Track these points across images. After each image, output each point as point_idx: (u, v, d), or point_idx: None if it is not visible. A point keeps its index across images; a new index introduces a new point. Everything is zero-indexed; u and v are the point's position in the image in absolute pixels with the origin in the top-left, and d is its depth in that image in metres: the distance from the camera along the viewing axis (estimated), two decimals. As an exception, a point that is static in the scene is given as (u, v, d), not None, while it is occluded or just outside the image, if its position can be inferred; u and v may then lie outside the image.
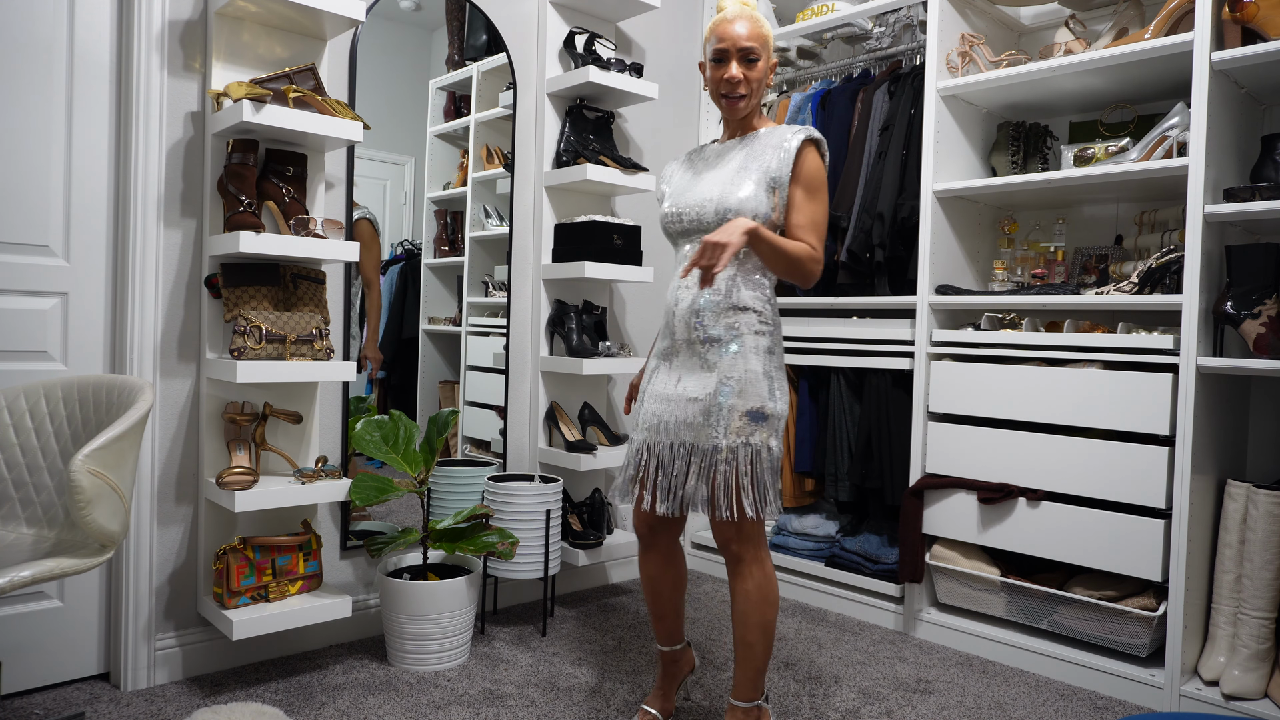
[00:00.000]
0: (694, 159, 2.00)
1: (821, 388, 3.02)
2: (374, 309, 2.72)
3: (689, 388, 1.82)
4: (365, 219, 2.67)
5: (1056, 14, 2.87)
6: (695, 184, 1.90)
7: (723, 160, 1.90)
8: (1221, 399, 2.30)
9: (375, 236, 2.71)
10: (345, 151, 2.45)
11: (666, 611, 2.02)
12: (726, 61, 1.82)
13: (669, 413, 1.84)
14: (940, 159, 2.68)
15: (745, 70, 1.82)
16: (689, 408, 1.81)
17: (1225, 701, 2.14)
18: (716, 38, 1.83)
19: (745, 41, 1.80)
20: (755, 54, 1.81)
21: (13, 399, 1.82)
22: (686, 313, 1.84)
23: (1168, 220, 2.58)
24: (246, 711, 1.91)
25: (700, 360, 1.82)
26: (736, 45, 1.80)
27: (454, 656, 2.35)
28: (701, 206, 1.84)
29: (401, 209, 2.84)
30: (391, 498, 2.27)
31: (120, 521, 1.57)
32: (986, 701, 2.24)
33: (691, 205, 1.86)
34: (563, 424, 2.88)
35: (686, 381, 1.83)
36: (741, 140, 1.91)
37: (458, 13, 2.88)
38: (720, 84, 1.84)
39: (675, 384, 1.85)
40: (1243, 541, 2.17)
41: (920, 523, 2.66)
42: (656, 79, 3.25)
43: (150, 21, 2.12)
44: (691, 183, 1.92)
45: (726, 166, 1.88)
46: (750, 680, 1.83)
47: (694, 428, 1.80)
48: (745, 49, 1.81)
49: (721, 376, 1.78)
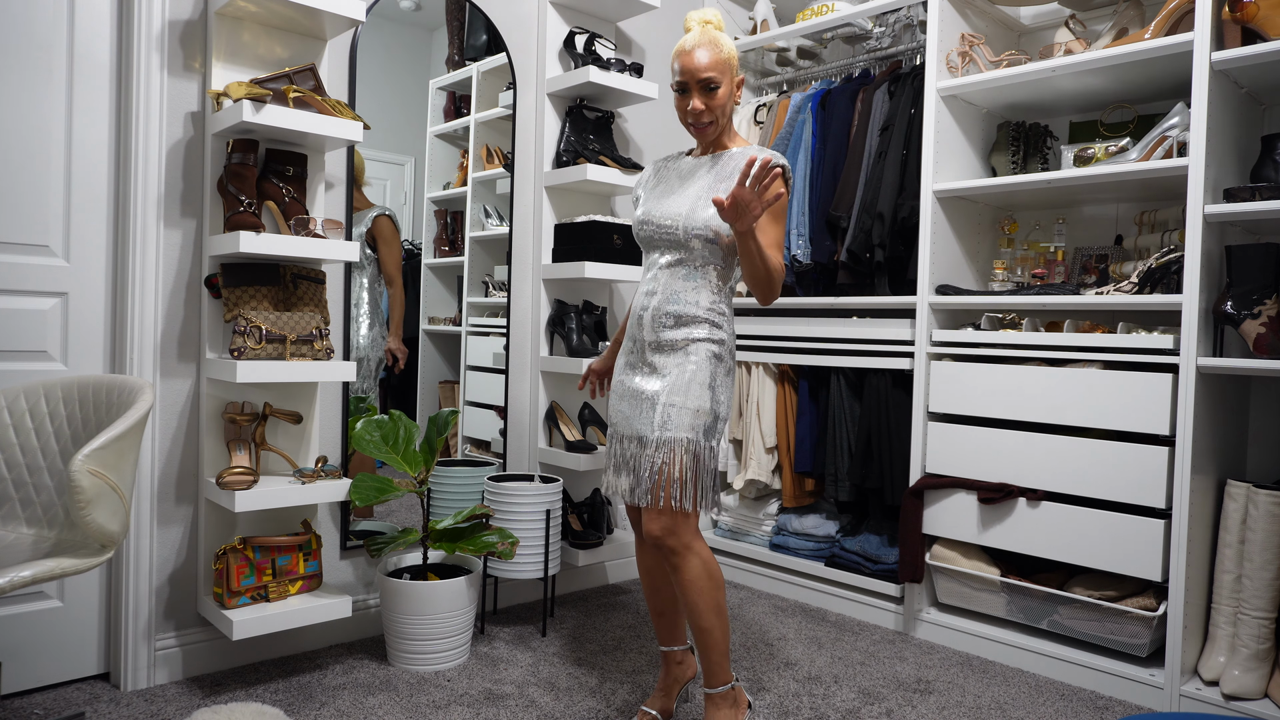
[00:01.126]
0: (664, 171, 2.05)
1: (821, 388, 3.02)
2: (397, 304, 2.76)
3: (646, 385, 1.93)
4: (385, 215, 2.70)
5: (1056, 14, 2.87)
6: (665, 198, 1.97)
7: (693, 177, 1.97)
8: (1221, 399, 2.30)
9: (396, 233, 2.75)
10: (345, 151, 2.45)
11: (665, 607, 2.04)
12: (688, 93, 1.88)
13: (631, 408, 1.95)
14: (940, 159, 2.68)
15: (706, 100, 1.88)
16: (644, 403, 1.91)
17: (1225, 701, 2.14)
18: (679, 69, 1.88)
19: (704, 73, 1.85)
20: (715, 82, 1.86)
21: (13, 399, 1.82)
22: (651, 318, 1.93)
23: (1168, 220, 2.58)
24: (246, 711, 1.91)
25: (659, 361, 1.92)
26: (696, 77, 1.85)
27: (454, 656, 2.35)
28: (672, 220, 1.92)
29: (401, 209, 2.84)
30: (391, 498, 2.27)
31: (120, 521, 1.57)
32: (986, 701, 2.24)
33: (662, 217, 1.94)
34: (563, 424, 2.88)
35: (645, 380, 1.94)
36: (713, 159, 1.97)
37: (458, 13, 2.89)
38: (685, 114, 1.91)
39: (636, 381, 1.95)
40: (1243, 541, 2.17)
41: (920, 523, 2.66)
42: (656, 79, 3.25)
43: (150, 21, 2.12)
44: (662, 196, 1.99)
45: (696, 184, 1.94)
46: (718, 665, 1.87)
47: (647, 422, 1.89)
48: (704, 80, 1.85)
49: (674, 377, 1.89)
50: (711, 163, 1.96)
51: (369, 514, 2.68)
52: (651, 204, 1.98)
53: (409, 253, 2.87)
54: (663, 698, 2.04)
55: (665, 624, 2.05)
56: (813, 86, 3.18)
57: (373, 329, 2.69)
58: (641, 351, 1.94)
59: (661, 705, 2.03)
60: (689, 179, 1.97)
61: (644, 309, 1.94)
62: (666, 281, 1.92)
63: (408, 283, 2.87)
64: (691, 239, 1.88)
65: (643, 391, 1.92)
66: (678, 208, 1.92)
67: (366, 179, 2.67)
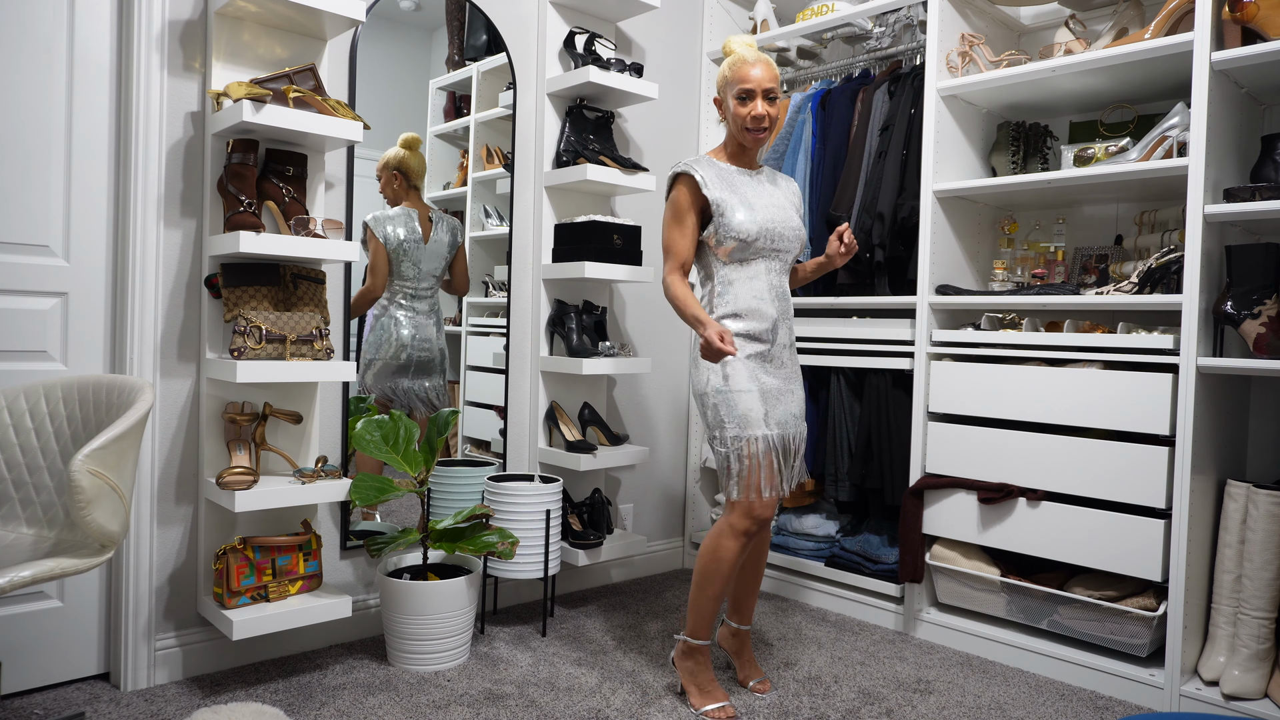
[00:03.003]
0: (729, 177, 2.15)
1: (821, 388, 3.02)
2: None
3: (789, 385, 2.20)
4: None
5: (1056, 14, 2.87)
6: (768, 210, 2.13)
7: (769, 192, 2.19)
8: (1221, 399, 2.30)
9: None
10: (345, 151, 2.45)
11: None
12: (753, 99, 2.07)
13: (777, 405, 2.16)
14: (940, 159, 2.68)
15: (768, 107, 2.07)
16: (789, 400, 2.19)
17: (1225, 701, 2.14)
18: (740, 79, 2.07)
19: (768, 83, 2.07)
20: (774, 93, 2.08)
21: (13, 399, 1.82)
22: (783, 322, 2.18)
23: (1168, 220, 2.58)
24: (246, 711, 1.91)
25: (789, 360, 2.22)
26: (762, 86, 2.06)
27: (454, 656, 2.35)
28: (794, 229, 2.16)
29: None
30: (391, 498, 2.27)
31: (120, 521, 1.57)
32: (986, 701, 2.24)
33: (783, 227, 2.14)
34: (563, 424, 2.88)
35: (785, 380, 2.19)
36: (770, 177, 2.23)
37: (458, 13, 2.88)
38: (748, 120, 2.08)
39: (778, 380, 2.17)
40: (1243, 541, 2.17)
41: (920, 523, 2.66)
42: (656, 79, 3.25)
43: (150, 21, 2.12)
44: (763, 207, 2.13)
45: (776, 197, 2.18)
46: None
47: (795, 420, 2.20)
48: (769, 89, 2.07)
49: (798, 376, 2.24)
50: (771, 182, 2.22)
51: (373, 512, 2.68)
52: (754, 213, 2.10)
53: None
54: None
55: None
56: (813, 86, 3.18)
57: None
58: (776, 352, 2.12)
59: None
60: (770, 191, 2.19)
61: (778, 313, 2.12)
62: (784, 288, 2.16)
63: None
64: (798, 242, 2.17)
65: (787, 390, 2.13)
66: (783, 218, 2.15)
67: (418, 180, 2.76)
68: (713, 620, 2.12)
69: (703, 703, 2.09)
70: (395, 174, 2.71)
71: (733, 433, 2.04)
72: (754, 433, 2.04)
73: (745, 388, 2.05)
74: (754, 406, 2.05)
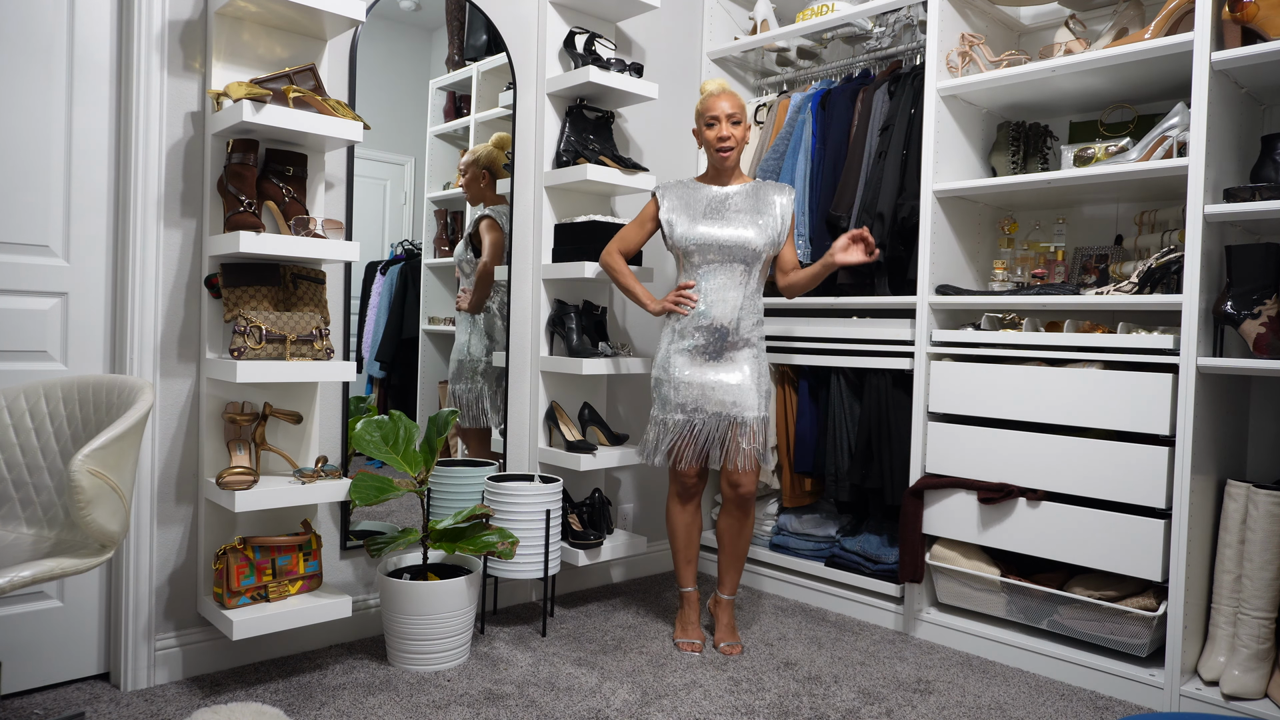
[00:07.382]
0: (691, 196, 2.55)
1: (821, 388, 3.02)
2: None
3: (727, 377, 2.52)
4: (489, 217, 2.86)
5: (1056, 14, 2.87)
6: (715, 223, 2.49)
7: (735, 205, 2.52)
8: (1221, 399, 2.30)
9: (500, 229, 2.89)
10: (345, 151, 2.45)
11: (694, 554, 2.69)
12: (718, 124, 2.47)
13: (720, 393, 2.50)
14: (940, 159, 2.68)
15: (733, 129, 2.47)
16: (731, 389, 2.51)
17: (1225, 701, 2.14)
18: (707, 109, 2.48)
19: (731, 109, 2.47)
20: (737, 118, 2.48)
21: (13, 399, 1.82)
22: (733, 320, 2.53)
23: (1168, 220, 2.58)
24: (246, 711, 1.91)
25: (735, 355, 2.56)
26: (725, 112, 2.46)
27: (454, 656, 2.35)
28: (735, 239, 2.47)
29: (401, 209, 2.85)
30: (391, 498, 2.27)
31: (120, 521, 1.57)
32: (986, 701, 2.24)
33: (723, 239, 2.47)
34: (563, 424, 2.88)
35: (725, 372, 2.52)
36: (752, 190, 2.54)
37: (458, 13, 2.88)
38: (715, 141, 2.49)
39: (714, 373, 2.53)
40: (1243, 541, 2.17)
41: (920, 523, 2.66)
42: (656, 79, 3.25)
43: (150, 21, 2.12)
44: (708, 221, 2.50)
45: (735, 214, 2.50)
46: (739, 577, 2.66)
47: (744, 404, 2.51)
48: (731, 114, 2.47)
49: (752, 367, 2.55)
50: (751, 193, 2.53)
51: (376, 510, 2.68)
52: (705, 226, 2.49)
53: (408, 252, 2.87)
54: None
55: (694, 568, 2.66)
56: (813, 86, 3.18)
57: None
58: (718, 343, 2.47)
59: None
60: (738, 206, 2.51)
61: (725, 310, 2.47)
62: (739, 288, 2.49)
63: (408, 283, 2.88)
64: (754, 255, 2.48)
65: (723, 382, 2.46)
66: (739, 233, 2.47)
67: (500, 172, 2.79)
68: (684, 571, 2.63)
69: (678, 635, 2.58)
70: (484, 172, 2.70)
71: (655, 413, 2.53)
72: (673, 416, 2.48)
73: (680, 377, 2.47)
74: (683, 392, 2.46)
